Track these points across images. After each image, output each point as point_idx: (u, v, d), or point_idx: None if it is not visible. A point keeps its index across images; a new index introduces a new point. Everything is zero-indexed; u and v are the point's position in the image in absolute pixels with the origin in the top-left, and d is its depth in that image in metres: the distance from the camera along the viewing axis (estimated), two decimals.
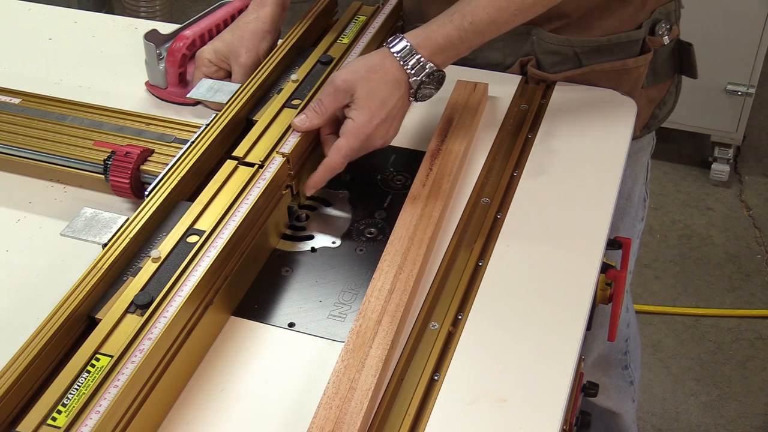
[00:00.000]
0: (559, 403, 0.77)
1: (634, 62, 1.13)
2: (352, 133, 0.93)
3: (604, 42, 1.11)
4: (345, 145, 0.93)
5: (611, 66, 1.12)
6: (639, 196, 1.30)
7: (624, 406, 1.58)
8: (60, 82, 1.21)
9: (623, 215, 1.29)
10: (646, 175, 1.31)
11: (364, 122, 0.93)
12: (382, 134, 0.95)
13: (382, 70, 0.94)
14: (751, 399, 2.00)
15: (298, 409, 0.78)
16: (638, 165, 1.27)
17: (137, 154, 0.97)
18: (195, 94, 1.08)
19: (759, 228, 2.41)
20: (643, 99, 1.18)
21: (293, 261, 0.93)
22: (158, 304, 0.77)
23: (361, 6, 1.17)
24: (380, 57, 0.95)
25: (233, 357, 0.83)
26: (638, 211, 1.32)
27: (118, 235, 0.85)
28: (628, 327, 1.48)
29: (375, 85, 0.93)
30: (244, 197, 0.88)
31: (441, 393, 0.78)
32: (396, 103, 0.95)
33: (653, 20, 1.13)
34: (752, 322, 2.18)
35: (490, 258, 0.91)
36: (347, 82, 0.93)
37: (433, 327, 0.84)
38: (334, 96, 0.94)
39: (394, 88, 0.94)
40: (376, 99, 0.93)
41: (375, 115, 0.93)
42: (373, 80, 0.93)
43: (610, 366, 1.51)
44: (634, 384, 1.56)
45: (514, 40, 1.12)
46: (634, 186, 1.28)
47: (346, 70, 0.95)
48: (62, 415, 0.69)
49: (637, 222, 1.33)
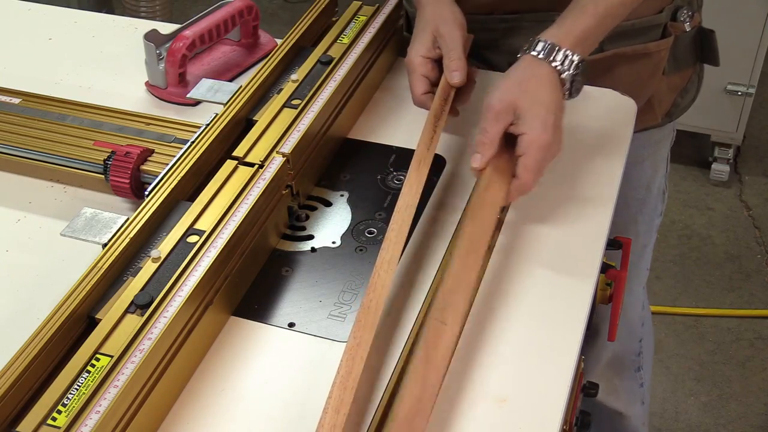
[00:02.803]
0: (559, 403, 0.77)
1: (655, 46, 1.12)
2: (534, 147, 0.89)
3: (627, 26, 1.10)
4: (532, 161, 0.89)
5: (633, 50, 1.12)
6: (658, 188, 1.29)
7: (632, 409, 1.56)
8: (60, 82, 1.21)
9: (642, 207, 1.28)
10: (666, 167, 1.30)
11: (539, 132, 0.89)
12: (559, 139, 0.91)
13: (534, 77, 0.91)
14: (751, 399, 2.00)
15: (298, 409, 0.78)
16: (658, 155, 1.26)
17: (137, 154, 0.97)
18: (195, 94, 1.08)
19: (759, 228, 2.41)
20: (664, 86, 1.18)
21: (293, 261, 0.93)
22: (158, 304, 0.77)
23: (361, 6, 1.17)
24: (525, 64, 0.92)
25: (233, 357, 0.83)
26: (657, 204, 1.30)
27: (118, 235, 0.85)
28: (642, 326, 1.45)
29: (534, 92, 0.90)
30: (244, 197, 0.88)
31: (441, 393, 0.78)
32: (558, 104, 0.91)
33: (675, 6, 1.13)
34: (752, 322, 2.18)
35: (490, 258, 0.91)
36: (504, 101, 0.90)
37: None
38: (496, 119, 0.90)
39: (553, 89, 0.91)
40: (541, 106, 0.89)
41: (546, 121, 0.89)
42: (530, 89, 0.90)
43: (624, 368, 1.49)
44: (644, 386, 1.54)
45: (538, 26, 1.10)
46: (654, 177, 1.27)
47: (497, 91, 0.91)
48: (62, 415, 0.69)
49: (656, 216, 1.32)
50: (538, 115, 0.89)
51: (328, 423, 0.70)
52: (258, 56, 1.26)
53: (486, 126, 0.90)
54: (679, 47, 1.16)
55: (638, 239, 1.30)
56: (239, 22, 1.22)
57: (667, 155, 1.29)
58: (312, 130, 0.98)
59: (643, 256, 1.34)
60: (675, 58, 1.17)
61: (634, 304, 1.40)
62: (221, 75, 1.21)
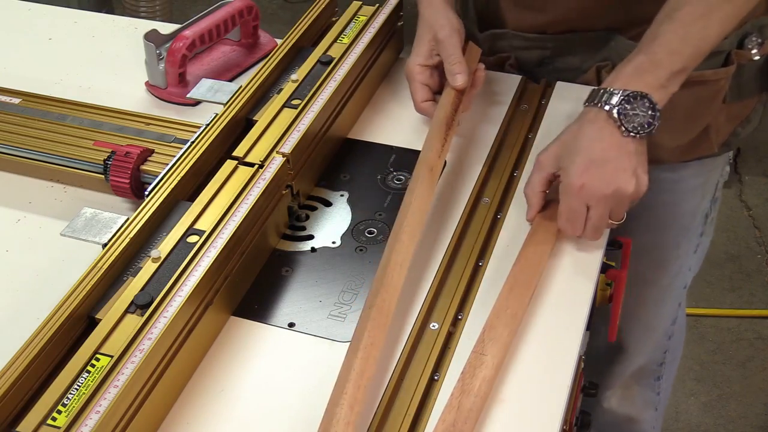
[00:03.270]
0: (559, 403, 0.77)
1: (713, 74, 1.07)
2: (565, 191, 0.88)
3: None
4: (563, 206, 0.88)
5: (689, 76, 1.05)
6: (702, 212, 1.25)
7: (644, 414, 1.55)
8: (60, 82, 1.21)
9: (686, 233, 1.25)
10: (714, 192, 1.25)
11: (572, 174, 0.87)
12: (602, 178, 0.86)
13: (578, 123, 0.90)
14: (751, 399, 2.00)
15: (298, 409, 0.78)
16: (708, 183, 1.22)
17: (137, 154, 0.97)
18: (195, 94, 1.08)
19: (759, 228, 2.41)
20: (723, 115, 1.13)
21: (293, 261, 0.93)
22: (158, 304, 0.77)
23: (361, 6, 1.17)
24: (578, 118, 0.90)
25: (233, 357, 0.83)
26: (699, 226, 1.27)
27: (118, 235, 0.85)
28: (669, 339, 1.43)
29: (574, 137, 0.89)
30: (244, 197, 0.88)
31: (441, 393, 0.78)
32: (606, 145, 0.86)
33: (743, 33, 1.07)
34: (752, 322, 2.18)
35: (490, 258, 0.91)
36: (549, 152, 0.91)
37: (433, 327, 0.84)
38: (539, 170, 0.91)
39: (593, 128, 0.87)
40: (578, 148, 0.87)
41: (581, 163, 0.86)
42: (571, 136, 0.89)
43: (644, 376, 1.49)
44: (660, 395, 1.53)
45: (592, 46, 1.10)
46: (700, 203, 1.23)
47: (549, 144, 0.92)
48: (62, 415, 0.69)
49: (695, 238, 1.29)
50: (573, 160, 0.87)
51: (344, 419, 0.71)
52: (258, 56, 1.26)
53: (530, 179, 0.92)
54: (743, 75, 1.11)
55: (677, 262, 1.29)
56: (239, 22, 1.22)
57: (716, 182, 1.24)
58: (312, 130, 0.98)
59: (679, 275, 1.32)
60: (738, 87, 1.12)
61: (664, 318, 1.39)
62: (221, 75, 1.21)
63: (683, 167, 1.18)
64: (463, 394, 0.76)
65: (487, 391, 0.76)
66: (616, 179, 0.86)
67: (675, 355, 1.50)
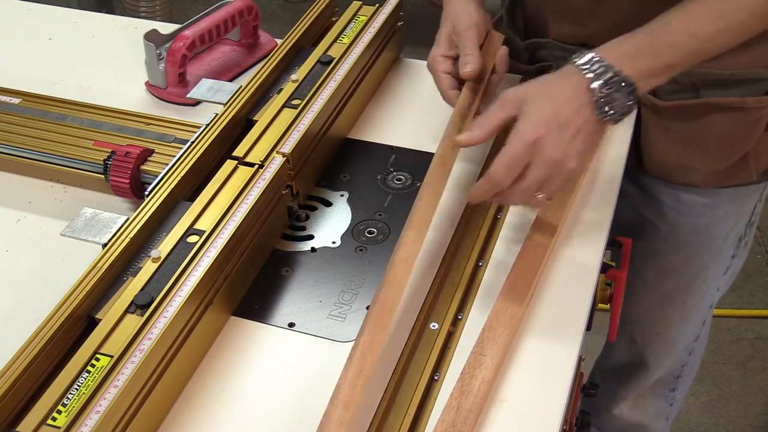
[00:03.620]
0: (559, 403, 0.77)
1: (755, 101, 1.04)
2: (517, 138, 0.81)
3: (727, 76, 1.03)
4: (508, 151, 0.81)
5: (728, 102, 1.04)
6: (736, 235, 1.23)
7: (655, 423, 1.55)
8: (60, 82, 1.21)
9: (716, 256, 1.24)
10: (750, 218, 1.23)
11: (529, 125, 0.81)
12: (557, 144, 0.81)
13: (557, 77, 0.84)
14: (751, 399, 2.00)
15: (298, 409, 0.78)
16: (744, 208, 1.20)
17: (137, 154, 0.97)
18: (195, 94, 1.08)
19: (759, 228, 2.41)
20: (764, 143, 1.09)
21: (293, 261, 0.93)
22: (158, 304, 0.77)
23: (361, 6, 1.17)
24: (560, 70, 0.86)
25: (233, 357, 0.83)
26: (731, 249, 1.25)
27: (118, 235, 0.85)
28: (690, 355, 1.42)
29: (547, 90, 0.83)
30: (244, 197, 0.88)
31: (441, 393, 0.78)
32: (575, 113, 0.81)
33: None
34: (752, 322, 2.18)
35: (490, 258, 0.91)
36: (516, 93, 0.84)
37: (433, 327, 0.84)
38: (500, 107, 0.84)
39: (572, 94, 0.82)
40: (547, 103, 0.82)
41: (544, 119, 0.81)
42: (545, 87, 0.84)
43: (659, 386, 1.48)
44: (673, 405, 1.53)
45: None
46: (734, 228, 1.21)
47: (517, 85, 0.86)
48: (62, 415, 0.69)
49: (726, 260, 1.26)
50: (537, 112, 0.82)
51: (337, 419, 0.70)
52: (258, 56, 1.26)
53: (490, 110, 0.85)
54: None
55: (705, 283, 1.28)
56: (239, 22, 1.22)
57: (753, 206, 1.21)
58: (312, 130, 0.98)
59: (706, 296, 1.31)
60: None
61: (687, 335, 1.38)
62: (221, 75, 1.21)
63: (718, 193, 1.15)
64: (462, 394, 0.76)
65: (486, 391, 0.76)
66: (568, 150, 0.82)
67: (692, 369, 1.49)
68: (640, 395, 1.50)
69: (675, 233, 1.19)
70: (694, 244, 1.22)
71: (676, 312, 1.32)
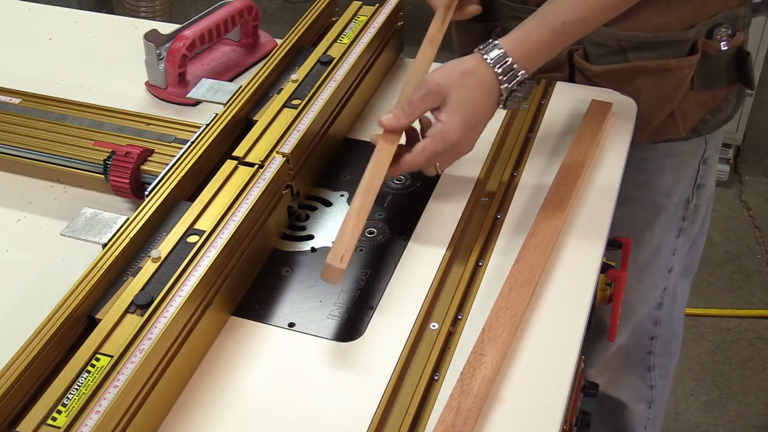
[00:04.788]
0: (559, 403, 0.77)
1: (677, 63, 1.10)
2: (441, 137, 0.91)
3: (650, 38, 1.09)
4: (431, 146, 0.92)
5: (654, 64, 1.10)
6: (680, 196, 1.27)
7: (637, 406, 1.55)
8: (60, 82, 1.21)
9: (659, 212, 1.27)
10: (693, 178, 1.27)
11: (454, 127, 0.91)
12: (468, 141, 0.94)
13: (476, 76, 0.92)
14: (751, 399, 2.00)
15: (299, 409, 0.78)
16: (683, 167, 1.24)
17: (137, 154, 0.97)
18: (195, 94, 1.08)
19: (759, 228, 2.41)
20: (691, 101, 1.15)
21: (293, 261, 0.93)
22: (158, 304, 0.77)
23: (361, 6, 1.17)
24: (475, 62, 0.93)
25: (233, 357, 0.83)
26: (677, 210, 1.29)
27: (118, 235, 0.85)
28: (655, 325, 1.44)
29: (468, 90, 0.92)
30: (244, 197, 0.88)
31: (441, 393, 0.78)
32: (487, 111, 0.93)
33: (713, 23, 1.10)
34: (752, 322, 2.18)
35: (490, 258, 0.91)
36: (440, 85, 0.91)
37: (433, 327, 0.84)
38: (425, 98, 0.92)
39: (487, 94, 0.92)
40: (469, 105, 0.91)
41: (465, 122, 0.91)
42: (466, 85, 0.92)
43: (631, 362, 1.48)
44: (654, 390, 1.52)
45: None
46: (676, 186, 1.26)
47: (439, 72, 0.93)
48: (62, 415, 0.69)
49: (675, 221, 1.30)
50: (461, 112, 0.91)
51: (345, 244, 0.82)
52: (258, 56, 1.26)
53: (413, 99, 0.93)
54: (711, 65, 1.13)
55: (652, 241, 1.30)
56: (239, 22, 1.22)
57: (695, 167, 1.26)
58: (312, 130, 0.98)
59: (657, 257, 1.33)
60: (707, 76, 1.14)
61: (646, 302, 1.39)
62: (221, 75, 1.21)
63: (652, 148, 1.20)
64: (462, 394, 0.76)
65: (486, 391, 0.76)
66: (472, 142, 0.95)
67: (668, 348, 1.49)
68: (612, 369, 1.49)
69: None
70: (636, 199, 1.24)
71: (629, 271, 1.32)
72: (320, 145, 1.01)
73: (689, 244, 1.36)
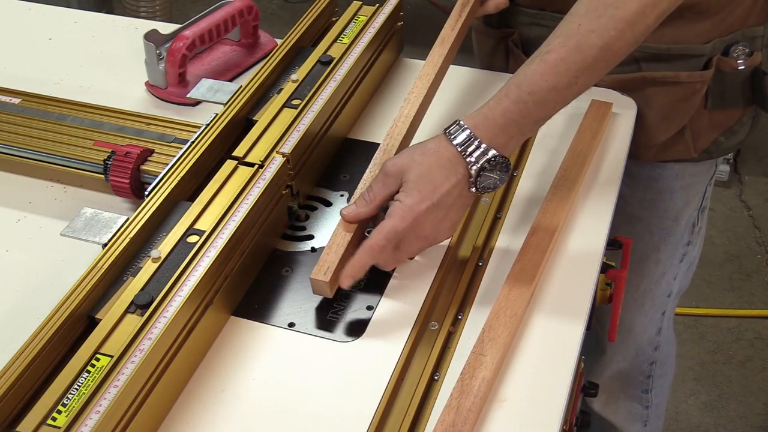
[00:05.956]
0: (559, 403, 0.77)
1: (687, 76, 1.08)
2: (398, 214, 0.84)
3: (665, 50, 1.07)
4: (389, 225, 0.84)
5: (663, 75, 1.08)
6: (688, 220, 1.25)
7: (630, 427, 1.54)
8: (60, 82, 1.21)
9: (666, 237, 1.25)
10: (701, 201, 1.25)
11: (411, 204, 0.84)
12: (433, 222, 0.85)
13: (436, 154, 0.85)
14: (751, 399, 2.00)
15: (299, 409, 0.78)
16: (692, 190, 1.22)
17: (137, 154, 0.97)
18: (195, 94, 1.08)
19: (759, 228, 2.42)
20: (704, 121, 1.13)
21: (293, 261, 0.93)
22: (158, 304, 0.77)
23: (361, 6, 1.17)
24: (436, 142, 0.86)
25: (233, 357, 0.83)
26: (684, 235, 1.27)
27: (118, 235, 0.85)
28: (656, 351, 1.43)
29: (427, 168, 0.85)
30: (244, 197, 0.88)
31: (441, 393, 0.78)
32: (451, 191, 0.84)
33: (730, 40, 1.08)
34: (752, 322, 2.18)
35: (490, 258, 0.91)
36: (397, 166, 0.86)
37: (433, 327, 0.84)
38: (383, 182, 0.87)
39: (450, 173, 0.84)
40: (428, 182, 0.84)
41: (424, 199, 0.84)
42: (425, 164, 0.85)
43: (630, 385, 1.47)
44: (650, 408, 1.51)
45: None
46: (684, 209, 1.24)
47: (399, 155, 0.88)
48: (62, 415, 0.69)
49: (681, 246, 1.28)
50: (419, 190, 0.84)
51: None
52: (258, 56, 1.26)
53: (372, 185, 0.88)
54: (726, 84, 1.10)
55: (657, 267, 1.29)
56: (239, 22, 1.22)
57: (703, 190, 1.24)
58: (312, 130, 0.98)
59: (660, 283, 1.32)
60: (721, 95, 1.11)
61: (648, 327, 1.38)
62: (221, 75, 1.21)
63: (662, 167, 1.19)
64: (462, 394, 0.76)
65: (486, 391, 0.76)
66: (440, 226, 0.86)
67: (665, 370, 1.48)
68: (609, 391, 1.48)
69: (623, 206, 1.19)
70: (643, 220, 1.23)
71: (630, 295, 1.32)
72: (320, 145, 1.01)
73: (687, 266, 1.34)
